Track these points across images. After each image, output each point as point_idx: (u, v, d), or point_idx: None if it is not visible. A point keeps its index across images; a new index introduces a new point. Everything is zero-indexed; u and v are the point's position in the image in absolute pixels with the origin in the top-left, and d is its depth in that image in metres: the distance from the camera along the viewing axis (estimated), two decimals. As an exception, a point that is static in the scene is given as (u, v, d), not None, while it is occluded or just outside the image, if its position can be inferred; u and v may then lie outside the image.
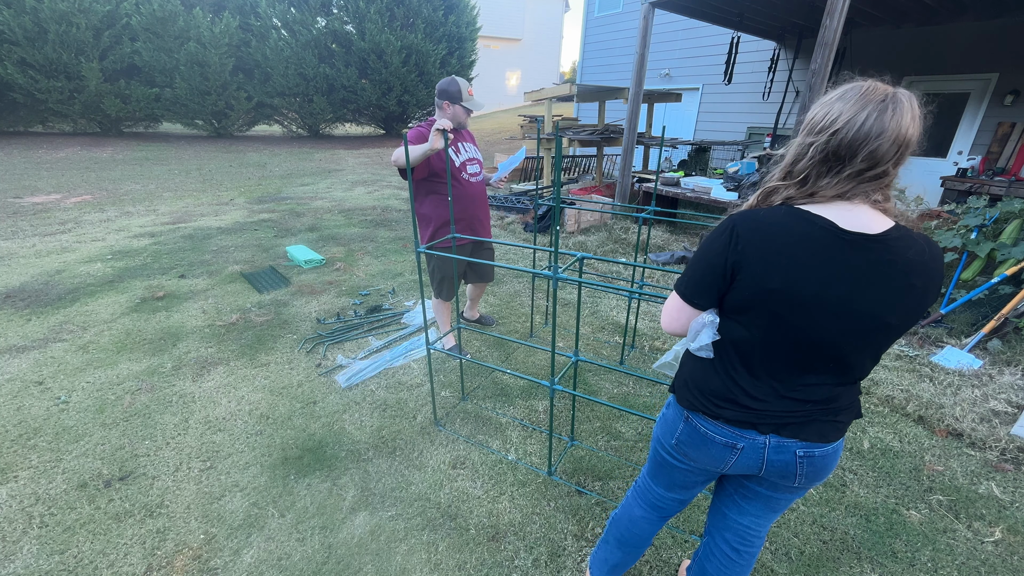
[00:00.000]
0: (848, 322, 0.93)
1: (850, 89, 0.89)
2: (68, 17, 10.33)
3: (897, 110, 0.84)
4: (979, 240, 3.76)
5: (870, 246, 0.90)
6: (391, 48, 13.16)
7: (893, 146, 0.86)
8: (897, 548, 1.83)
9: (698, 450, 1.14)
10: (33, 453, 2.18)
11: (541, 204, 3.92)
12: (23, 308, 3.56)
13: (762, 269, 0.92)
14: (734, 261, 0.94)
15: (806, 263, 0.90)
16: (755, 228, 0.93)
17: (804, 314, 0.93)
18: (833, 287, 0.90)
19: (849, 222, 0.90)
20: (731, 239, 0.94)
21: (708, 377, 1.08)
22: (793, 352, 0.98)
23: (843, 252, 0.90)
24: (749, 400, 1.04)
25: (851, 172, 0.89)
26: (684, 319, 1.07)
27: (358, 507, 1.95)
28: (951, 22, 6.35)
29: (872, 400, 2.75)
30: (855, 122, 0.85)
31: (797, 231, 0.91)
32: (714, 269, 0.97)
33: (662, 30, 9.56)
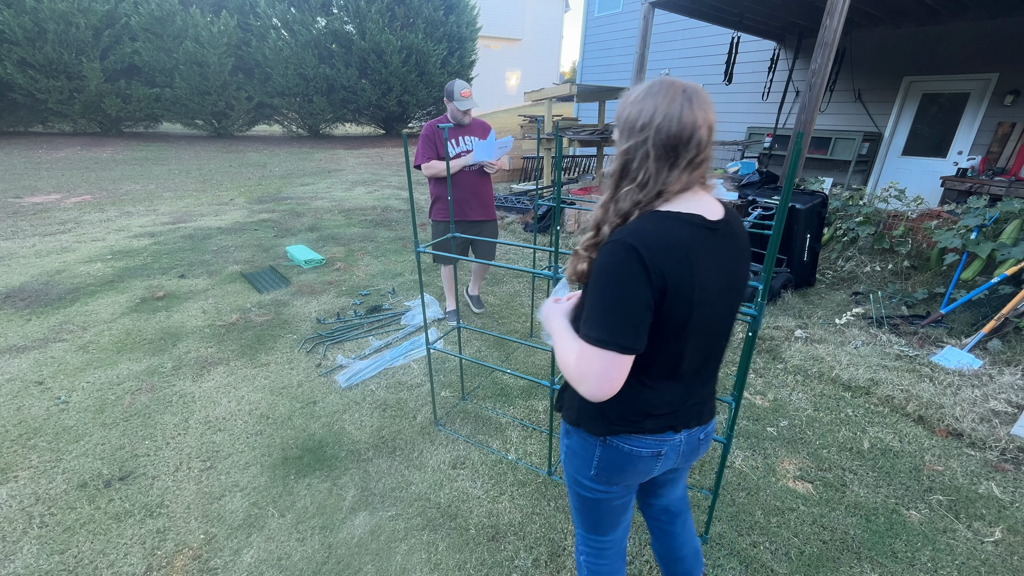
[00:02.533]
0: (732, 302, 1.00)
1: (654, 84, 0.90)
2: (67, 17, 10.32)
3: (698, 99, 0.88)
4: (979, 240, 3.76)
5: (725, 229, 0.95)
6: (391, 48, 13.15)
7: (707, 131, 0.89)
8: (897, 548, 1.83)
9: (622, 472, 1.07)
10: (33, 453, 2.18)
11: (541, 204, 3.92)
12: (23, 308, 3.56)
13: (681, 282, 0.89)
14: (659, 286, 0.87)
15: (703, 262, 0.91)
16: (661, 247, 0.87)
17: (711, 309, 0.96)
18: (722, 276, 0.95)
19: (708, 212, 0.94)
20: (644, 265, 0.86)
21: (625, 396, 0.98)
22: (706, 347, 1.02)
23: (716, 241, 0.93)
24: (667, 407, 1.03)
25: (686, 162, 0.89)
26: (624, 372, 0.91)
27: (358, 507, 1.95)
28: (951, 22, 6.35)
29: (872, 400, 2.75)
30: (672, 114, 0.86)
31: (684, 235, 0.90)
32: (642, 304, 0.87)
33: (662, 30, 9.55)
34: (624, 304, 0.87)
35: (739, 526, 1.90)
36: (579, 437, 1.10)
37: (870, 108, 7.47)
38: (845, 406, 2.70)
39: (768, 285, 1.34)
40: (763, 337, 3.45)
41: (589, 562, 1.24)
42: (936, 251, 4.18)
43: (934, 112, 7.05)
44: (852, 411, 2.65)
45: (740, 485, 2.11)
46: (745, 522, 1.92)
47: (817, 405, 2.71)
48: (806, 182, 6.07)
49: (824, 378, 2.96)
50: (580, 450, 1.10)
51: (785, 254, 4.28)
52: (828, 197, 4.59)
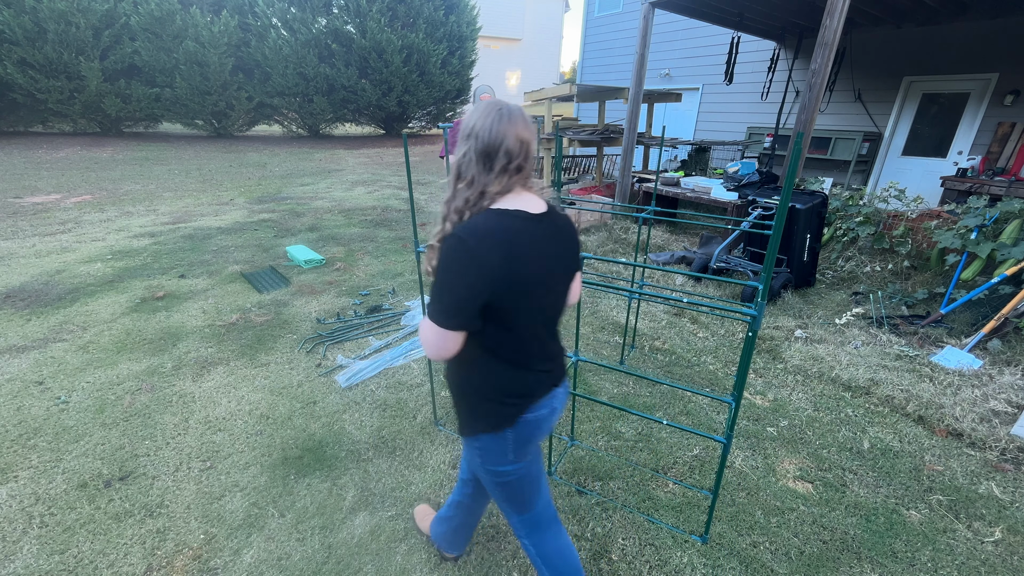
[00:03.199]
0: (562, 279, 1.21)
1: (483, 104, 1.10)
2: (67, 16, 10.31)
3: (511, 117, 1.06)
4: (979, 240, 3.76)
5: (548, 221, 1.15)
6: (392, 47, 13.14)
7: (517, 143, 1.06)
8: (897, 548, 1.83)
9: (532, 439, 1.24)
10: (33, 453, 2.18)
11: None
12: (23, 308, 3.56)
13: (512, 272, 1.04)
14: (488, 279, 1.02)
15: (531, 248, 1.09)
16: (491, 241, 1.02)
17: (545, 283, 1.15)
18: (549, 258, 1.14)
19: (530, 207, 1.12)
20: (475, 258, 1.01)
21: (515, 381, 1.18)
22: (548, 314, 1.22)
23: (540, 230, 1.12)
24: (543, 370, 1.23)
25: (500, 167, 1.07)
26: (457, 345, 1.09)
27: (358, 507, 1.95)
28: (951, 22, 6.35)
29: (872, 400, 2.75)
30: (486, 126, 1.05)
31: (514, 227, 1.06)
32: (475, 295, 1.03)
33: (662, 30, 9.55)
34: (456, 288, 1.03)
35: (739, 526, 1.90)
36: (489, 439, 1.21)
37: (870, 108, 7.47)
38: (845, 406, 2.70)
39: (768, 285, 1.34)
40: (763, 337, 3.45)
41: (533, 542, 1.37)
42: (936, 251, 4.18)
43: (934, 112, 7.05)
44: (852, 411, 2.65)
45: (740, 485, 2.11)
46: (745, 522, 1.92)
47: (817, 405, 2.71)
48: (806, 182, 6.07)
49: (824, 378, 2.96)
50: (494, 446, 1.22)
51: (785, 254, 4.28)
52: (828, 197, 4.59)
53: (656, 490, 2.08)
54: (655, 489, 2.08)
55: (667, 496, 2.05)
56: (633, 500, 2.02)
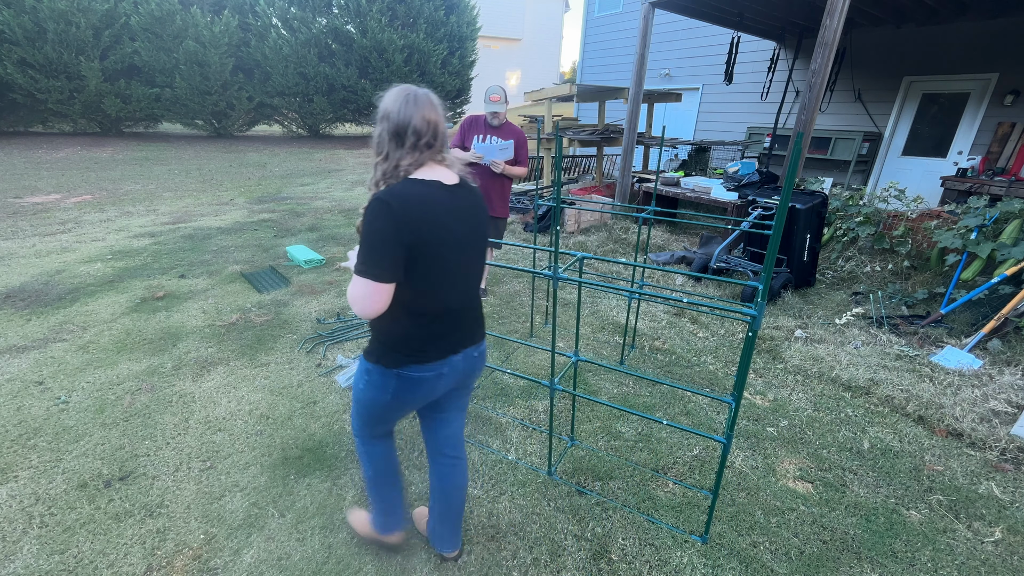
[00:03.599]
0: (476, 244, 1.34)
1: (395, 89, 1.24)
2: (67, 16, 10.31)
3: (416, 100, 1.21)
4: (979, 240, 3.76)
5: (460, 191, 1.29)
6: (393, 47, 13.14)
7: (423, 122, 1.21)
8: (897, 548, 1.83)
9: (414, 392, 1.36)
10: (33, 453, 2.18)
11: (541, 204, 3.92)
12: (23, 308, 3.56)
13: (425, 229, 1.19)
14: (404, 232, 1.16)
15: (446, 213, 1.24)
16: (405, 201, 1.17)
17: (458, 249, 1.28)
18: (463, 223, 1.28)
19: (444, 179, 1.27)
20: (395, 216, 1.15)
21: (412, 333, 1.31)
22: (459, 282, 1.33)
23: (455, 198, 1.27)
24: (445, 335, 1.35)
25: (410, 144, 1.21)
26: (384, 298, 1.20)
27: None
28: (951, 22, 6.36)
29: (872, 400, 2.75)
30: (395, 109, 1.20)
31: (428, 194, 1.22)
32: (394, 246, 1.15)
33: (662, 30, 9.56)
34: (378, 244, 1.15)
35: (739, 526, 1.90)
36: (377, 372, 1.35)
37: (870, 108, 7.47)
38: (845, 406, 2.70)
39: (768, 285, 1.34)
40: (763, 337, 3.45)
41: (367, 447, 1.57)
42: (936, 251, 4.18)
43: (934, 112, 7.05)
44: (852, 411, 2.65)
45: (740, 485, 2.11)
46: (745, 522, 1.92)
47: (817, 405, 2.71)
48: (806, 182, 6.07)
49: (824, 378, 2.96)
50: (378, 382, 1.36)
51: (785, 254, 4.28)
52: (828, 197, 4.59)
53: (656, 490, 2.08)
54: (655, 489, 2.08)
55: (667, 496, 2.05)
56: (633, 500, 2.02)
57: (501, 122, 3.39)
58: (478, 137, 3.40)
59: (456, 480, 1.63)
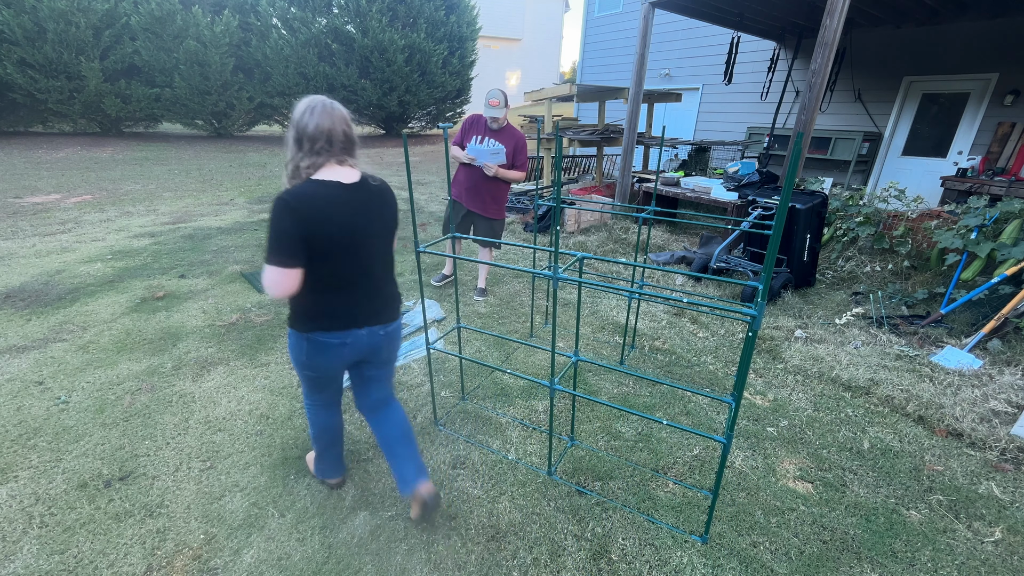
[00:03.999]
0: (375, 236, 1.56)
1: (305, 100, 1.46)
2: (67, 16, 10.30)
3: (312, 111, 1.43)
4: (979, 240, 3.76)
5: (360, 189, 1.52)
6: (395, 47, 13.14)
7: (317, 130, 1.42)
8: (897, 548, 1.83)
9: (323, 355, 1.61)
10: (33, 453, 2.18)
11: (541, 204, 3.92)
12: (23, 308, 3.56)
13: (323, 225, 1.42)
14: (305, 227, 1.39)
15: (341, 209, 1.45)
16: (303, 200, 1.40)
17: (354, 240, 1.49)
18: (361, 216, 1.51)
19: (343, 178, 1.48)
20: (294, 213, 1.38)
21: (319, 307, 1.55)
22: (358, 268, 1.55)
23: (353, 195, 1.49)
24: (343, 311, 1.57)
25: (307, 149, 1.44)
26: (292, 281, 1.43)
27: (358, 507, 1.95)
28: (951, 22, 6.36)
29: (872, 400, 2.75)
30: (297, 117, 1.44)
31: (325, 193, 1.44)
32: (294, 238, 1.38)
33: (662, 30, 9.56)
34: (279, 235, 1.38)
35: (739, 526, 1.90)
36: (293, 334, 1.62)
37: (870, 108, 7.47)
38: (845, 406, 2.70)
39: (768, 285, 1.34)
40: (763, 337, 3.45)
41: (312, 412, 1.84)
42: (936, 251, 4.18)
43: (934, 112, 7.05)
44: (852, 411, 2.65)
45: (740, 485, 2.11)
46: (745, 522, 1.92)
47: (817, 405, 2.71)
48: (806, 182, 6.07)
49: (824, 378, 2.96)
50: (295, 343, 1.62)
51: (785, 254, 4.28)
52: (828, 197, 4.59)
53: (656, 490, 2.08)
54: (655, 489, 2.08)
55: (667, 496, 2.05)
56: (633, 500, 2.02)
57: (501, 126, 3.43)
58: (476, 138, 3.44)
59: (393, 424, 1.85)
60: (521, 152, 3.45)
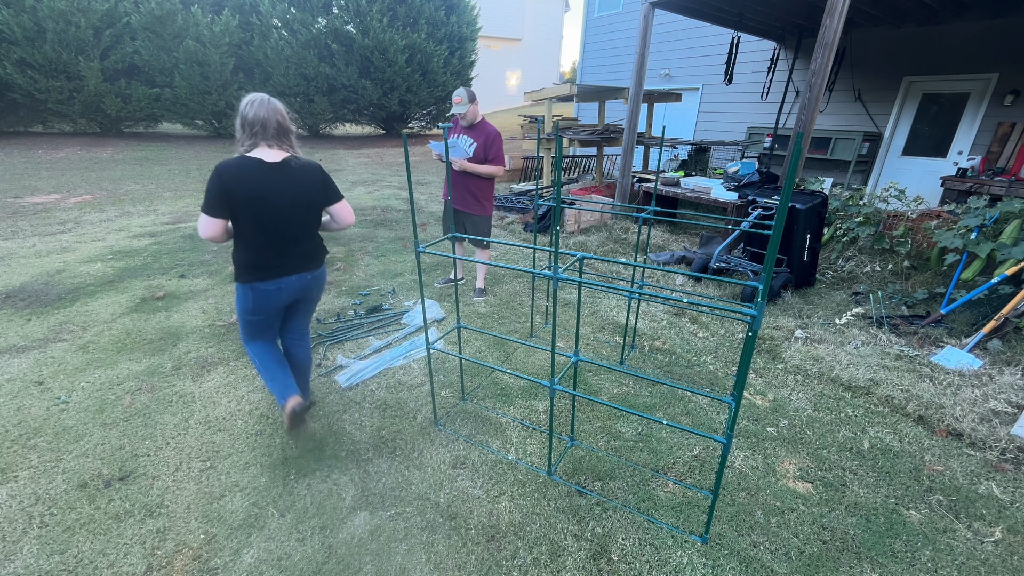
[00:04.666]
0: (287, 203, 1.91)
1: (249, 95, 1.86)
2: (67, 16, 10.29)
3: (252, 103, 1.83)
4: (979, 240, 3.76)
5: (278, 166, 1.88)
6: (395, 47, 13.14)
7: (255, 118, 1.83)
8: (897, 548, 1.83)
9: (264, 300, 2.01)
10: (33, 453, 2.18)
11: (541, 204, 3.92)
12: (23, 308, 3.56)
13: (241, 190, 1.81)
14: (227, 190, 1.79)
15: (261, 180, 1.83)
16: (228, 170, 1.79)
17: (271, 207, 1.87)
18: (278, 189, 1.87)
19: (267, 157, 1.86)
20: (221, 179, 1.78)
21: (252, 260, 1.94)
22: (277, 229, 1.92)
23: (269, 171, 1.86)
24: (277, 262, 1.97)
25: (246, 133, 1.85)
26: (215, 228, 1.84)
27: (358, 507, 1.95)
28: (951, 22, 6.36)
29: (872, 400, 2.75)
30: (242, 108, 1.84)
31: (248, 166, 1.83)
32: (217, 196, 1.79)
33: (662, 30, 9.55)
34: (208, 192, 1.80)
35: (739, 526, 1.90)
36: (239, 287, 1.99)
37: (870, 108, 7.47)
38: (845, 406, 2.70)
39: (768, 285, 1.34)
40: (763, 337, 3.45)
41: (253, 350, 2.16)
42: (936, 251, 4.19)
43: (934, 112, 7.05)
44: (852, 411, 2.65)
45: (740, 485, 2.12)
46: (745, 522, 1.92)
47: (817, 405, 2.71)
48: (806, 182, 6.07)
49: (824, 378, 2.96)
50: (241, 295, 2.00)
51: (785, 254, 4.28)
52: (828, 197, 4.59)
53: (656, 490, 2.08)
54: (655, 489, 2.08)
55: (667, 496, 2.05)
56: (633, 500, 2.02)
57: (471, 121, 3.50)
58: (453, 136, 3.58)
59: (302, 351, 2.34)
60: (493, 146, 3.48)
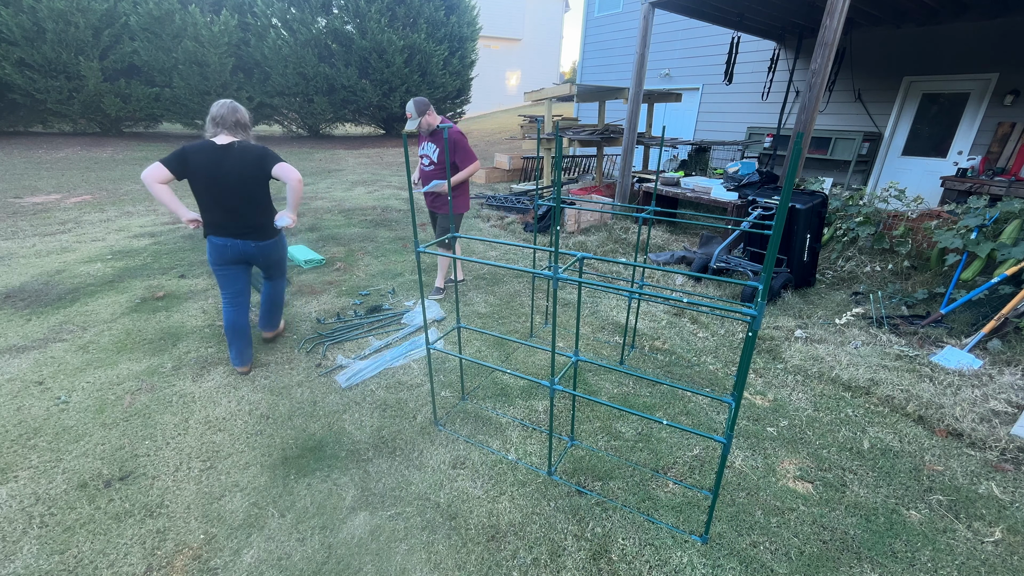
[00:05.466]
0: (231, 175, 2.45)
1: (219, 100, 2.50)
2: (66, 16, 10.30)
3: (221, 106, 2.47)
4: (979, 240, 3.76)
5: (224, 148, 2.43)
6: (393, 47, 13.13)
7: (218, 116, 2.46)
8: (897, 548, 1.83)
9: (216, 253, 2.59)
10: (33, 453, 2.18)
11: (541, 204, 3.92)
12: (23, 308, 3.56)
13: (194, 161, 2.39)
14: (184, 157, 2.39)
15: (207, 156, 2.40)
16: (192, 145, 2.41)
17: (215, 176, 2.42)
18: (223, 167, 2.42)
19: (219, 141, 2.43)
20: (183, 149, 2.39)
21: (207, 218, 2.53)
22: (221, 194, 2.46)
23: (216, 151, 2.42)
24: (223, 222, 2.52)
25: (211, 124, 2.47)
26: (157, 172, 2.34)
27: (358, 507, 1.95)
28: (951, 22, 6.36)
29: (872, 400, 2.75)
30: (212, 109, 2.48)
31: (205, 146, 2.42)
32: (176, 158, 2.38)
33: (662, 30, 9.55)
34: (172, 153, 2.39)
35: (739, 526, 1.90)
36: (206, 239, 2.58)
37: (870, 108, 7.47)
38: (845, 406, 2.70)
39: (768, 285, 1.34)
40: (763, 337, 3.45)
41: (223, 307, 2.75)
42: (936, 251, 4.18)
43: (934, 112, 7.05)
44: (852, 411, 2.65)
45: (740, 485, 2.12)
46: (745, 522, 1.92)
47: (817, 405, 2.71)
48: (806, 182, 6.07)
49: (824, 378, 2.96)
50: (207, 247, 2.60)
51: (785, 254, 4.28)
52: (828, 197, 4.59)
53: (656, 490, 2.08)
54: (655, 489, 2.08)
55: (667, 496, 2.05)
56: (633, 500, 2.02)
57: (429, 130, 3.55)
58: (421, 145, 3.71)
59: (270, 288, 2.97)
60: (458, 148, 3.48)
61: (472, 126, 18.96)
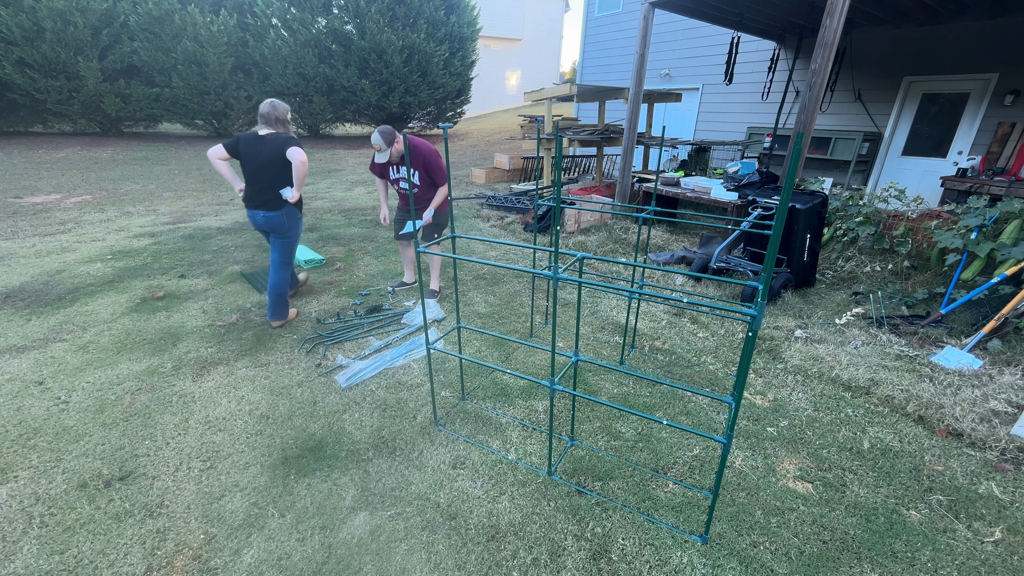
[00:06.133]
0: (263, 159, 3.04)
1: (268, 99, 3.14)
2: (65, 15, 10.30)
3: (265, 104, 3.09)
4: (979, 240, 3.76)
5: (261, 138, 3.06)
6: (392, 48, 13.12)
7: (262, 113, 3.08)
8: (897, 548, 1.83)
9: (250, 221, 3.24)
10: (33, 453, 2.18)
11: (541, 204, 3.92)
12: (23, 308, 3.56)
13: (243, 146, 3.06)
14: (237, 142, 3.07)
15: (249, 143, 3.06)
16: (241, 136, 3.08)
17: (252, 159, 3.06)
18: (256, 152, 3.05)
19: (261, 132, 3.09)
20: (237, 141, 3.06)
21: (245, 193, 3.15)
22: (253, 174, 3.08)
23: (256, 141, 3.06)
24: (251, 196, 3.12)
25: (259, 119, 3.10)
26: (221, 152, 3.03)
27: (358, 507, 1.95)
28: (951, 22, 6.35)
29: (872, 400, 2.75)
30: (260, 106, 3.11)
31: (251, 137, 3.07)
32: (232, 144, 3.06)
33: (662, 30, 9.55)
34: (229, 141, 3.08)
35: (739, 526, 1.90)
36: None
37: (870, 108, 7.47)
38: (845, 406, 2.70)
39: (768, 285, 1.34)
40: (763, 337, 3.45)
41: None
42: (936, 251, 4.18)
43: (934, 112, 7.05)
44: (852, 411, 2.66)
45: (740, 485, 2.12)
46: (745, 522, 1.92)
47: (817, 405, 2.71)
48: (806, 182, 6.07)
49: (824, 378, 2.96)
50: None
51: (785, 254, 4.28)
52: (828, 197, 4.59)
53: (656, 490, 2.08)
54: (655, 489, 2.08)
55: (667, 496, 2.05)
56: (633, 500, 2.02)
57: (399, 156, 3.42)
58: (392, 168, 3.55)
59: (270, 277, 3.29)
60: (433, 167, 3.44)
61: (472, 126, 18.97)
